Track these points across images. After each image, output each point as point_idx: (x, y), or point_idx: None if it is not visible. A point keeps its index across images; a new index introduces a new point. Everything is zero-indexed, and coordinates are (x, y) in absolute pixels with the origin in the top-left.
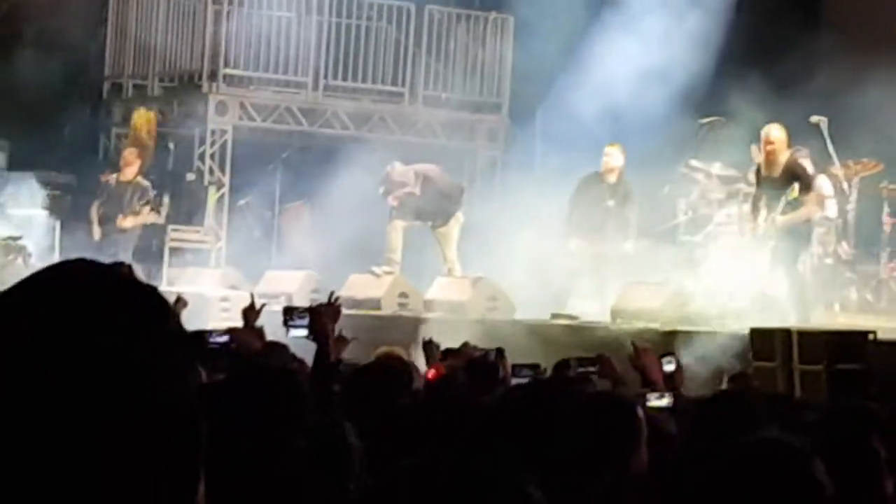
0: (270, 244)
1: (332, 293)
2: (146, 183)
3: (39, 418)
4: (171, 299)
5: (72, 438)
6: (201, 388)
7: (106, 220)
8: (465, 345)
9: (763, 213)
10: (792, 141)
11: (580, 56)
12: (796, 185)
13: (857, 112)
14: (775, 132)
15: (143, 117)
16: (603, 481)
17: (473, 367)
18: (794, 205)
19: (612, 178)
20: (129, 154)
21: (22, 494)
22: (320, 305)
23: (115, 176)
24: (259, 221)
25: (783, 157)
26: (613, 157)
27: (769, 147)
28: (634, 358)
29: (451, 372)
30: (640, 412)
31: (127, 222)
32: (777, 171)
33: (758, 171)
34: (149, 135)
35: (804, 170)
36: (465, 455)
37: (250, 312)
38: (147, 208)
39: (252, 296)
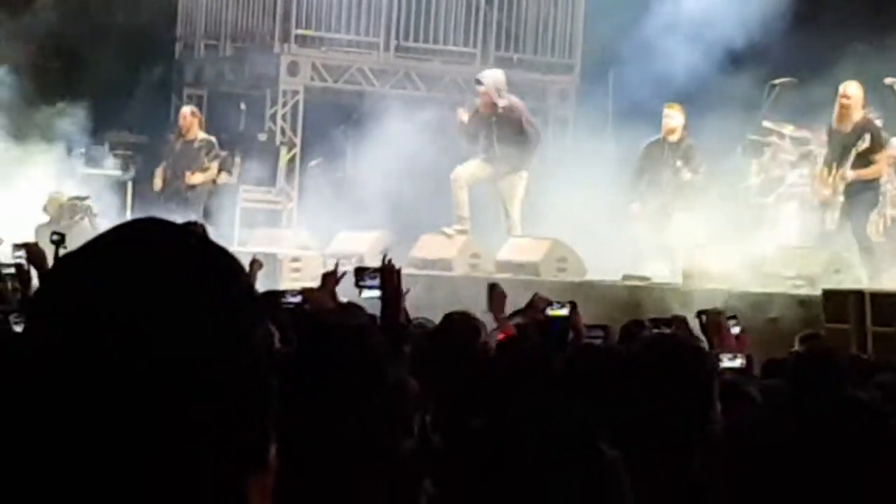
0: (342, 204)
1: (384, 256)
2: (211, 138)
3: (114, 377)
4: (247, 261)
5: (146, 397)
6: (275, 350)
7: (174, 179)
8: (536, 296)
9: (833, 169)
10: (866, 102)
11: (651, 17)
12: (868, 137)
13: None
14: (852, 88)
15: None
16: (680, 436)
17: (545, 327)
18: (863, 162)
19: (674, 138)
20: (187, 112)
21: (101, 442)
22: (390, 262)
23: (179, 138)
24: (331, 182)
25: (857, 114)
26: (672, 117)
27: (844, 101)
28: (705, 325)
29: (522, 331)
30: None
31: (196, 178)
32: (849, 127)
33: (829, 129)
34: None
35: (877, 128)
36: (536, 414)
37: (330, 277)
38: (216, 164)
39: (336, 263)
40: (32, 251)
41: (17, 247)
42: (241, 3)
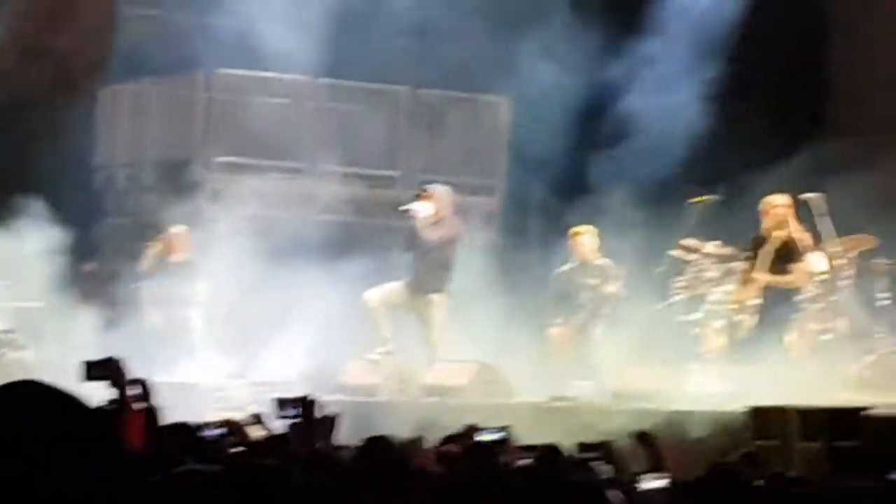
0: (266, 331)
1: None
2: None
3: None
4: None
5: None
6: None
7: None
8: (471, 428)
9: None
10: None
11: (575, 136)
12: (790, 249)
13: (850, 188)
14: (779, 198)
15: None
16: None
17: (475, 451)
18: (781, 271)
19: (588, 260)
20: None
21: None
22: (311, 399)
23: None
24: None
25: (784, 230)
26: (582, 244)
27: (772, 215)
28: (637, 443)
29: (452, 456)
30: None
31: None
32: (775, 242)
33: (753, 246)
34: None
35: (798, 244)
36: None
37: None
38: None
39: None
40: None
41: None
42: (162, 132)
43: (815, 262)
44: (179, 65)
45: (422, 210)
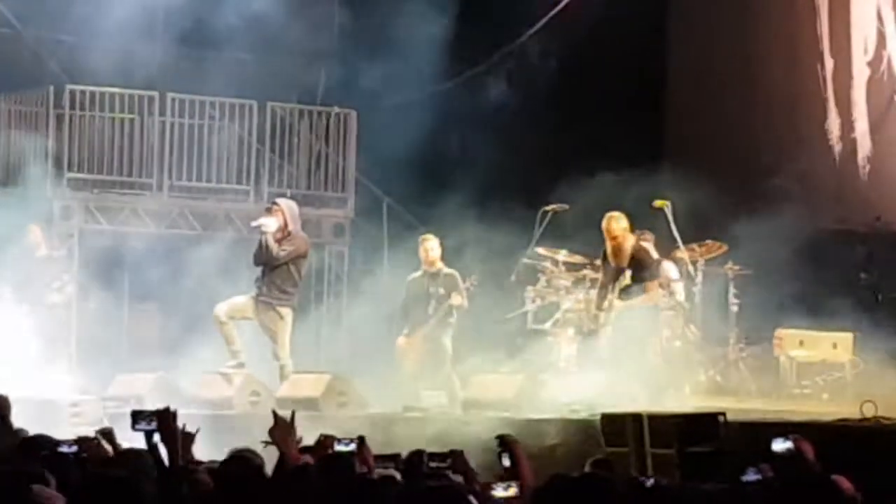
0: (120, 346)
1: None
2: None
3: None
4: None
5: None
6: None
7: None
8: (326, 437)
9: (609, 298)
10: (636, 225)
11: (422, 146)
12: (628, 274)
13: (698, 194)
14: (615, 224)
15: None
16: None
17: (329, 462)
18: (635, 290)
19: (434, 269)
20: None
21: None
22: (168, 410)
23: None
24: (108, 324)
25: (629, 244)
26: (430, 249)
27: (613, 241)
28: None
29: (305, 467)
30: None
31: None
32: (624, 261)
33: (604, 258)
34: None
35: (648, 255)
36: None
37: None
38: None
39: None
40: None
41: None
42: (11, 149)
43: (668, 269)
44: (29, 81)
45: (270, 224)
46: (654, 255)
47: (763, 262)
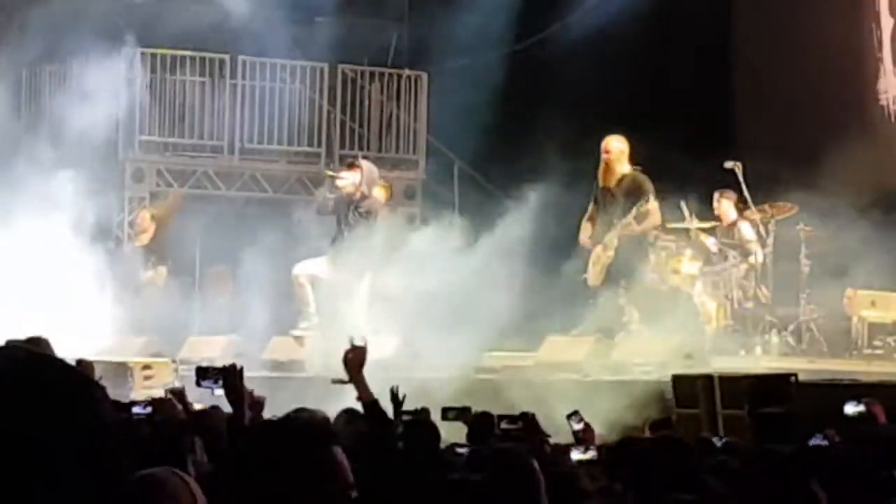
0: (191, 309)
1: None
2: None
3: None
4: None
5: None
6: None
7: None
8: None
9: (598, 228)
10: (708, 187)
11: (493, 108)
12: (644, 199)
13: (766, 155)
14: (614, 143)
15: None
16: None
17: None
18: (638, 217)
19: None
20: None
21: None
22: (233, 366)
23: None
24: (179, 287)
25: (620, 168)
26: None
27: (605, 156)
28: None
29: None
30: (535, 465)
31: None
32: (612, 182)
33: (595, 185)
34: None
35: (643, 181)
36: None
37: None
38: None
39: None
40: None
41: None
42: (84, 112)
43: (744, 229)
44: (103, 44)
45: (347, 179)
46: (649, 185)
47: (833, 222)
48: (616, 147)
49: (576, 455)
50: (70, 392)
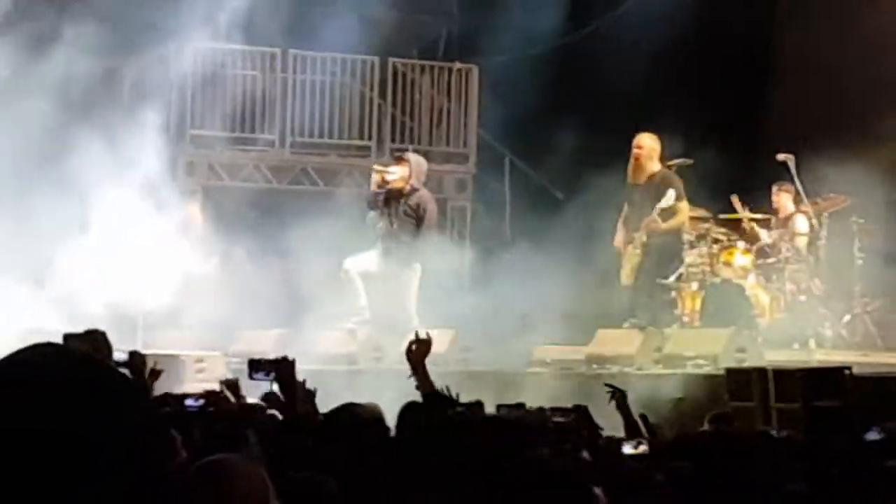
0: (243, 302)
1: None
2: None
3: None
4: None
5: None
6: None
7: None
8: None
9: (629, 226)
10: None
11: (544, 101)
12: (671, 193)
13: (815, 147)
14: (646, 140)
15: None
16: None
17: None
18: (665, 214)
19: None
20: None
21: None
22: (285, 358)
23: None
24: (230, 280)
25: (651, 165)
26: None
27: (637, 152)
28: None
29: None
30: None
31: None
32: (642, 178)
33: (624, 182)
34: None
35: (674, 178)
36: None
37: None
38: None
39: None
40: None
41: None
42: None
43: (798, 221)
44: (151, 39)
45: (398, 172)
46: (678, 183)
47: (886, 214)
48: (648, 144)
49: (628, 449)
50: (101, 391)
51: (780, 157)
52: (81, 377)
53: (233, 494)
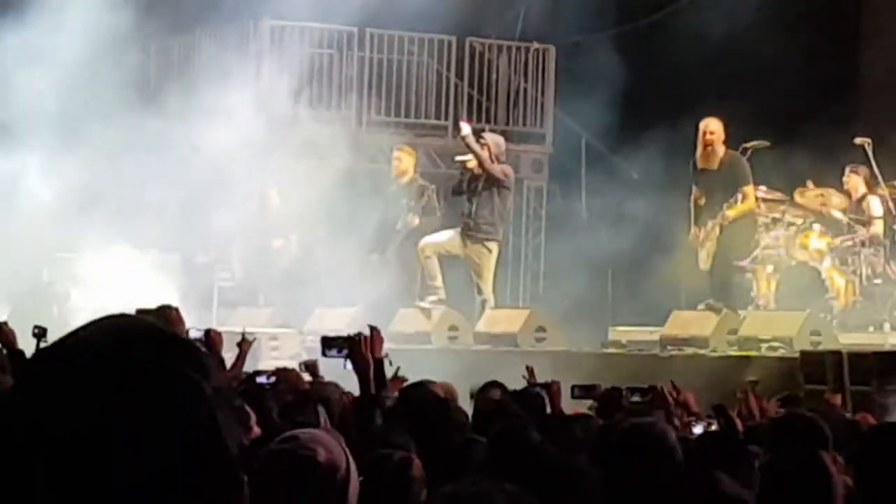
0: (319, 281)
1: (371, 327)
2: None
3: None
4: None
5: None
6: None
7: None
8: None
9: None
10: (836, 163)
11: (620, 81)
12: (738, 196)
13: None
14: (714, 124)
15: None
16: None
17: (521, 398)
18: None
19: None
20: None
21: None
22: (359, 335)
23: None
24: (307, 259)
25: (721, 149)
26: (401, 160)
27: (709, 137)
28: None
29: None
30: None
31: None
32: (715, 164)
33: (693, 168)
34: None
35: (743, 162)
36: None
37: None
38: None
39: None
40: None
41: None
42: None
43: (873, 204)
44: (231, 16)
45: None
46: (748, 168)
47: None
48: (718, 128)
49: (698, 430)
50: (163, 367)
51: (858, 140)
52: (145, 356)
53: (318, 467)
